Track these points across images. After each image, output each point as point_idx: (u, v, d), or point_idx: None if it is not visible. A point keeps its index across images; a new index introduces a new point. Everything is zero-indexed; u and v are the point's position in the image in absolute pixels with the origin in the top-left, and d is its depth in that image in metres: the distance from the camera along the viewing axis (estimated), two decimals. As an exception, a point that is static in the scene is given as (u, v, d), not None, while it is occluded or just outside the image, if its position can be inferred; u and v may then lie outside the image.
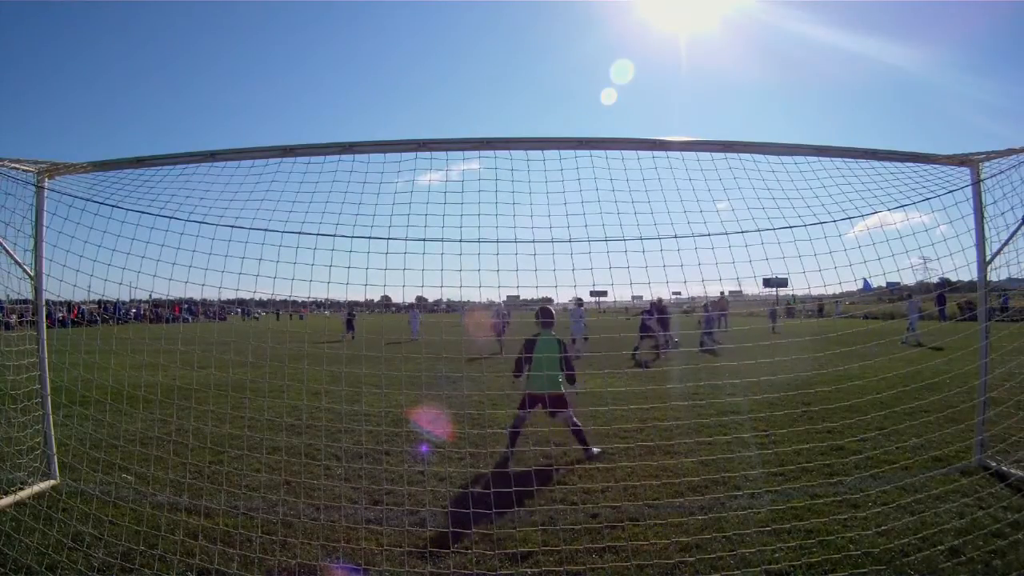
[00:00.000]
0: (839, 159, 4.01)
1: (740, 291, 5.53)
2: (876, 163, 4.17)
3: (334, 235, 3.46)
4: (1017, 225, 4.24)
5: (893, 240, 3.83)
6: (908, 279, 4.15)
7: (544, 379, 5.11)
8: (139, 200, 3.88)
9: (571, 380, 5.37)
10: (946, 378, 6.92)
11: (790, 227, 3.57)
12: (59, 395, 4.58)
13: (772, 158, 3.87)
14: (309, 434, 5.69)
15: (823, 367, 10.40)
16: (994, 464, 4.49)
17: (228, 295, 4.10)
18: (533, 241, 3.33)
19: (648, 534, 3.51)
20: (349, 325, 19.96)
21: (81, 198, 3.96)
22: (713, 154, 3.76)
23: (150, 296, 4.56)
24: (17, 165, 4.07)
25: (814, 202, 3.75)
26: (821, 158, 3.92)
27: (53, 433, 4.40)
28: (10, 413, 4.19)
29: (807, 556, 3.16)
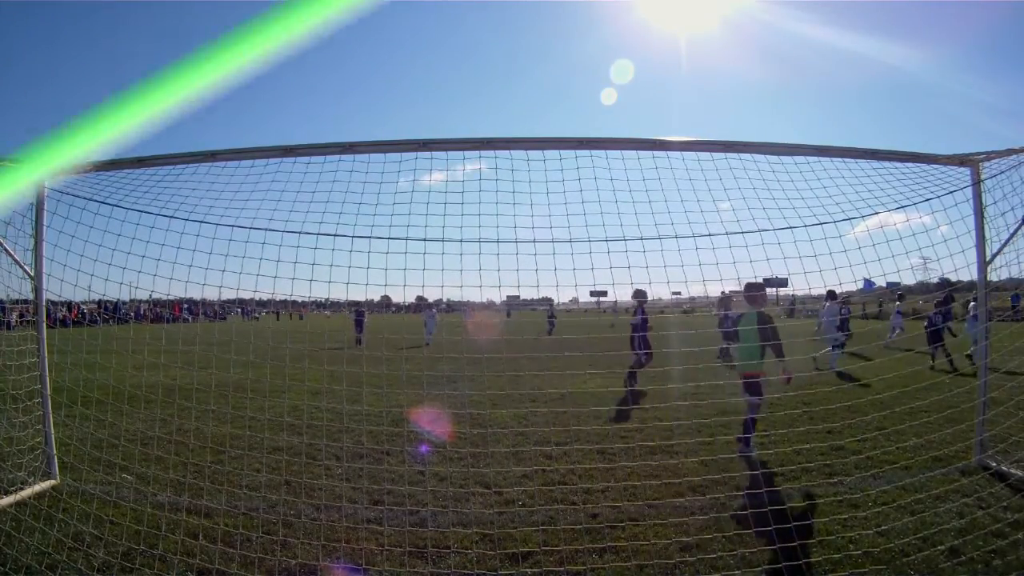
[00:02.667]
0: (839, 159, 4.01)
1: (740, 291, 5.53)
2: (876, 163, 4.18)
3: (334, 235, 3.46)
4: (1017, 225, 4.24)
5: (893, 240, 3.84)
6: (908, 279, 4.15)
7: (745, 357, 5.26)
8: (139, 200, 3.89)
9: (778, 353, 5.21)
10: (946, 378, 6.93)
11: (790, 227, 3.58)
12: (60, 395, 4.59)
13: (772, 158, 3.87)
14: (309, 434, 5.70)
15: (823, 367, 10.41)
16: (994, 464, 4.49)
17: (228, 295, 4.11)
18: (533, 241, 3.34)
19: (648, 534, 3.51)
20: (359, 326, 17.53)
21: (81, 197, 3.96)
22: (714, 154, 3.76)
23: (150, 296, 4.57)
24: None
25: (814, 202, 3.75)
26: (821, 158, 3.92)
27: (53, 433, 4.41)
28: (11, 413, 4.19)
29: (807, 556, 3.16)
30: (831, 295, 11.03)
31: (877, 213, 3.95)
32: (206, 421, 5.72)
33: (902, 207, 4.02)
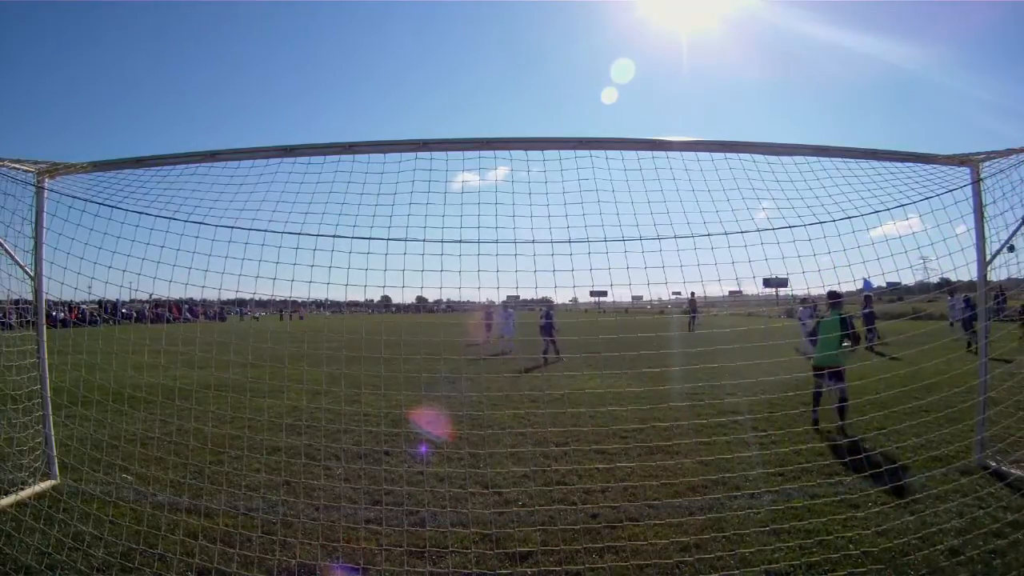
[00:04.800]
0: (839, 159, 4.02)
1: (740, 291, 5.53)
2: (876, 163, 4.18)
3: (334, 236, 3.46)
4: (1017, 225, 4.24)
5: (893, 240, 3.84)
6: (907, 279, 4.15)
7: (825, 353, 6.20)
8: (139, 200, 3.89)
9: (854, 341, 6.31)
10: (946, 378, 6.92)
11: (790, 227, 3.58)
12: (60, 396, 4.59)
13: (772, 158, 3.87)
14: (309, 434, 5.70)
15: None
16: (993, 464, 4.50)
17: (228, 296, 4.10)
18: (533, 242, 3.34)
19: (648, 534, 3.51)
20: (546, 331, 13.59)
21: (81, 199, 3.96)
22: (713, 154, 3.76)
23: (150, 296, 4.57)
24: (17, 165, 4.08)
25: (813, 202, 3.75)
26: (821, 158, 3.92)
27: (53, 433, 4.41)
28: (11, 413, 4.20)
29: (807, 556, 3.17)
30: (952, 291, 10.95)
31: (876, 212, 3.95)
32: (206, 422, 5.72)
33: (901, 206, 4.02)
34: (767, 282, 5.72)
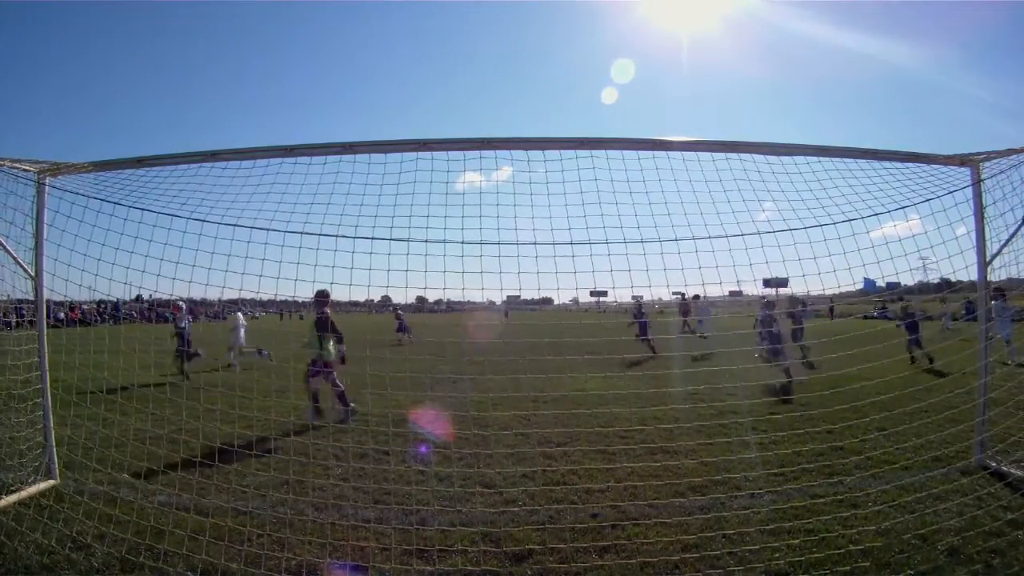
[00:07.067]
0: (839, 159, 4.02)
1: (740, 292, 5.53)
2: (876, 163, 4.18)
3: (336, 236, 3.47)
4: (1017, 225, 4.24)
5: (892, 242, 3.85)
6: (907, 280, 4.15)
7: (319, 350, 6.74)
8: (139, 200, 3.89)
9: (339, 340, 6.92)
10: (947, 379, 6.93)
11: (790, 229, 3.59)
12: (67, 393, 4.60)
13: (772, 158, 3.87)
14: (312, 434, 5.70)
15: (823, 368, 10.41)
16: (994, 464, 4.50)
17: (230, 295, 4.11)
18: (534, 244, 3.34)
19: (649, 534, 3.51)
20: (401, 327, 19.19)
21: (83, 195, 3.97)
22: (713, 154, 3.77)
23: (151, 296, 4.57)
24: (18, 165, 4.09)
25: (814, 204, 3.76)
26: (821, 158, 3.93)
27: (54, 432, 4.41)
28: (12, 412, 4.20)
29: (807, 555, 3.17)
30: (1000, 294, 10.54)
31: (877, 215, 3.95)
32: (209, 421, 5.73)
33: (902, 207, 4.03)
34: (767, 282, 5.73)
